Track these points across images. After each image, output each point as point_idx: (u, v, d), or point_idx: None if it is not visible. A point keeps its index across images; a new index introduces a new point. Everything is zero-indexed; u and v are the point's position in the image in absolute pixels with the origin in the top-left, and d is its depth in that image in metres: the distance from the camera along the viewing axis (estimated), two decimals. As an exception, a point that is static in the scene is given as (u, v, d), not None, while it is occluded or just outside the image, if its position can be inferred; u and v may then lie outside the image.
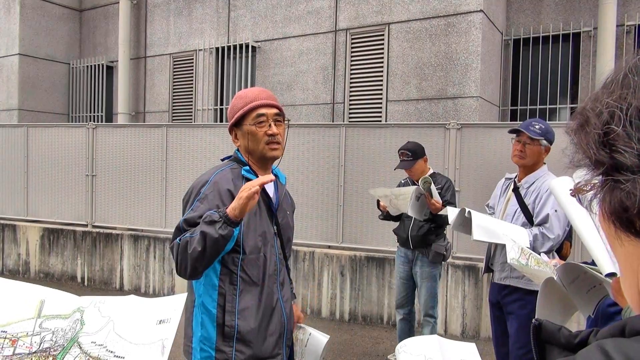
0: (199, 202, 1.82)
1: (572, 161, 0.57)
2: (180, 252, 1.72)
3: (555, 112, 7.00)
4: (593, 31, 6.65)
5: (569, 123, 0.58)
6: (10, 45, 9.42)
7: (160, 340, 0.90)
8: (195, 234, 1.69)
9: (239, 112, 1.91)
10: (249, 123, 1.90)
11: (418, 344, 1.15)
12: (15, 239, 7.63)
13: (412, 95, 6.80)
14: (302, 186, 6.04)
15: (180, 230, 1.80)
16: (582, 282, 1.55)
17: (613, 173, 0.50)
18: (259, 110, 1.90)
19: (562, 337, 0.61)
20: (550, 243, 2.87)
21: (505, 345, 3.11)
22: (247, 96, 1.94)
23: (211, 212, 1.71)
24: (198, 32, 8.62)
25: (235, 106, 1.94)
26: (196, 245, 1.67)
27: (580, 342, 0.58)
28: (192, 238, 1.69)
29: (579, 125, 0.56)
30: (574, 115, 0.58)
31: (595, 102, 0.54)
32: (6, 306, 0.94)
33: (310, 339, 2.06)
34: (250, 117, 1.90)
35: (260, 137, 1.90)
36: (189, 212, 1.82)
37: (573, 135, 0.56)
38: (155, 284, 6.72)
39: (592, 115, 0.53)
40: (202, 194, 1.83)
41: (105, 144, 7.18)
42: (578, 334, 0.59)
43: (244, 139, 1.92)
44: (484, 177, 5.16)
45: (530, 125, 3.01)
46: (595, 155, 0.52)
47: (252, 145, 1.91)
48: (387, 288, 5.54)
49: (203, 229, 1.67)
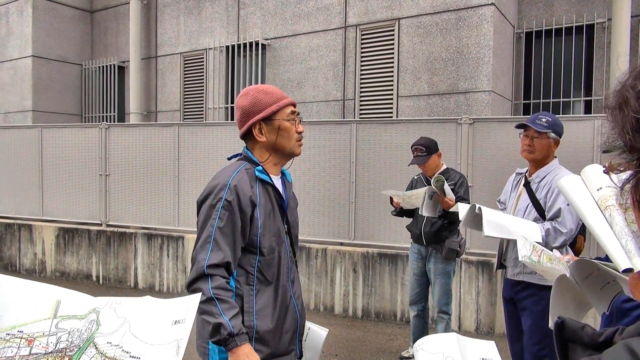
0: (224, 209, 1.78)
1: (606, 142, 0.55)
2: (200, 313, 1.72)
3: (569, 105, 6.92)
4: (607, 22, 6.55)
5: (607, 100, 0.56)
6: (23, 48, 9.53)
7: (175, 340, 0.91)
8: (213, 320, 1.69)
9: (273, 107, 1.88)
10: (283, 118, 1.89)
11: (436, 342, 1.14)
12: (32, 238, 7.74)
13: (423, 91, 6.77)
14: (314, 183, 6.04)
15: (205, 275, 1.75)
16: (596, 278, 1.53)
17: None
18: (291, 107, 1.92)
19: (586, 336, 0.59)
20: (563, 237, 2.84)
21: (520, 341, 3.08)
22: (273, 92, 1.92)
23: (231, 328, 1.69)
24: (208, 31, 8.64)
25: (262, 100, 1.90)
26: (209, 319, 1.70)
27: (605, 340, 0.56)
28: (208, 321, 1.70)
29: (618, 105, 0.53)
30: (612, 92, 0.55)
31: (637, 80, 0.51)
32: (23, 306, 0.95)
33: (310, 333, 2.06)
34: (284, 113, 1.90)
35: (293, 134, 1.91)
36: (216, 231, 1.77)
37: (609, 114, 0.54)
38: (169, 282, 6.77)
39: (631, 96, 0.50)
40: (224, 201, 1.78)
41: (118, 143, 7.25)
42: (602, 332, 0.58)
43: (272, 134, 1.90)
44: (497, 172, 5.12)
45: (537, 119, 2.99)
46: (630, 141, 0.50)
47: (282, 141, 1.90)
48: (400, 284, 5.53)
49: (218, 323, 1.68)
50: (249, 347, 1.71)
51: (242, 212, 1.80)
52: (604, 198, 1.25)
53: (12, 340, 0.91)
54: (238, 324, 1.70)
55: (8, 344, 0.90)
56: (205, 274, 1.73)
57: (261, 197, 1.87)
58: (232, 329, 1.67)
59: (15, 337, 0.91)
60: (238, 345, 1.68)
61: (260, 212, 1.85)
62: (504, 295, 3.20)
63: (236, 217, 1.79)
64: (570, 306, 1.61)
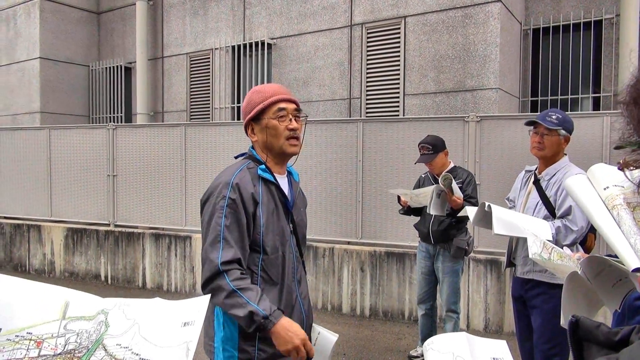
0: (229, 208, 1.78)
1: (621, 137, 0.54)
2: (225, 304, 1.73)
3: (577, 102, 6.86)
4: (615, 18, 6.49)
5: (621, 95, 0.55)
6: (31, 50, 9.59)
7: (185, 342, 0.91)
8: (243, 311, 1.69)
9: (259, 106, 1.88)
10: (269, 117, 1.88)
11: (446, 341, 1.13)
12: (41, 239, 7.79)
13: (430, 89, 6.74)
14: (321, 182, 6.03)
15: (220, 272, 1.74)
16: (607, 275, 1.51)
17: None
18: (279, 104, 1.88)
19: (601, 334, 0.58)
20: (574, 235, 2.81)
21: (530, 340, 3.06)
22: (265, 91, 1.91)
23: (264, 312, 1.70)
24: (214, 31, 8.66)
25: (252, 100, 1.91)
26: (239, 312, 1.70)
27: (622, 339, 0.55)
28: (239, 314, 1.70)
29: (632, 99, 0.51)
30: (627, 87, 0.54)
31: None
32: (31, 308, 0.95)
33: (320, 337, 2.04)
34: (270, 111, 1.88)
35: (281, 132, 1.88)
36: (224, 229, 1.77)
37: (624, 109, 0.53)
38: (177, 282, 6.79)
39: None
40: (228, 199, 1.79)
41: (125, 144, 7.28)
42: (618, 331, 0.56)
43: (262, 133, 1.90)
44: (505, 170, 5.09)
45: (547, 115, 2.96)
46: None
47: (272, 140, 1.89)
48: (408, 283, 5.52)
49: (249, 312, 1.69)
50: (286, 320, 1.73)
51: (245, 210, 1.80)
52: (611, 197, 1.24)
53: (21, 342, 0.91)
54: (267, 304, 1.72)
55: (17, 345, 0.90)
56: (220, 271, 1.74)
57: (263, 195, 1.86)
58: (263, 312, 1.69)
59: (25, 338, 0.91)
60: (275, 324, 1.70)
61: (262, 210, 1.84)
62: (513, 294, 3.18)
63: (241, 214, 1.79)
64: (582, 304, 1.59)
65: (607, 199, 1.25)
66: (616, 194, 1.23)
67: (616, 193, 1.24)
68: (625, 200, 1.20)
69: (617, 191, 1.23)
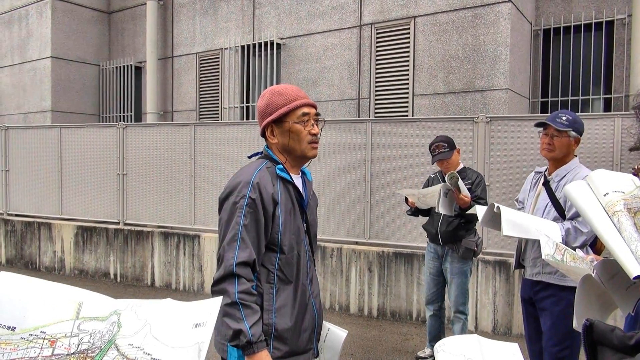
0: (248, 207, 1.78)
1: (636, 142, 0.54)
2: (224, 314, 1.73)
3: (588, 103, 6.81)
4: (627, 19, 6.44)
5: (636, 98, 0.54)
6: (42, 49, 9.68)
7: (197, 343, 0.91)
8: (235, 325, 1.70)
9: (283, 109, 1.87)
10: (292, 121, 1.88)
11: (457, 343, 1.13)
12: (51, 237, 7.86)
13: (439, 89, 6.72)
14: (329, 182, 6.04)
15: (233, 275, 1.75)
16: (621, 278, 1.50)
17: None
18: (303, 109, 1.89)
19: (615, 338, 0.58)
20: (583, 237, 2.79)
21: (539, 342, 3.04)
22: (288, 93, 1.90)
23: (251, 335, 1.70)
24: (223, 31, 8.69)
25: (274, 102, 1.90)
26: (230, 324, 1.71)
27: (637, 344, 0.55)
28: (229, 325, 1.70)
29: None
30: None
31: None
32: (45, 308, 0.96)
33: (329, 334, 2.05)
34: (294, 115, 1.88)
35: (304, 136, 1.88)
36: (242, 229, 1.77)
37: (638, 113, 0.52)
38: (185, 281, 6.82)
39: None
40: (248, 199, 1.79)
41: (135, 143, 7.32)
42: (633, 335, 0.56)
43: (283, 136, 1.90)
44: (514, 171, 5.07)
45: (557, 117, 2.94)
46: None
47: (293, 143, 1.89)
48: (416, 284, 5.50)
49: (239, 330, 1.69)
50: (265, 354, 1.72)
51: (264, 210, 1.81)
52: (611, 203, 1.24)
53: (35, 341, 0.92)
54: (258, 331, 1.71)
55: (31, 344, 0.91)
56: (233, 273, 1.74)
57: (282, 195, 1.87)
58: (251, 337, 1.68)
59: (38, 337, 0.92)
60: (255, 353, 1.69)
61: (281, 210, 1.85)
62: (523, 295, 3.16)
63: (260, 214, 1.80)
64: (594, 306, 1.58)
65: (607, 205, 1.24)
66: (616, 200, 1.23)
67: (616, 199, 1.23)
68: (625, 205, 1.20)
69: (617, 197, 1.23)
